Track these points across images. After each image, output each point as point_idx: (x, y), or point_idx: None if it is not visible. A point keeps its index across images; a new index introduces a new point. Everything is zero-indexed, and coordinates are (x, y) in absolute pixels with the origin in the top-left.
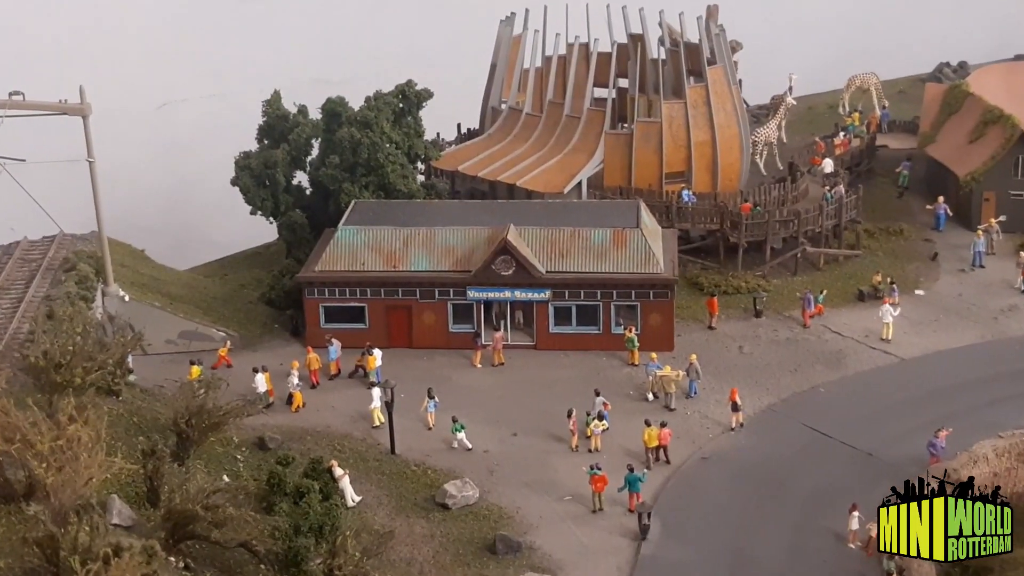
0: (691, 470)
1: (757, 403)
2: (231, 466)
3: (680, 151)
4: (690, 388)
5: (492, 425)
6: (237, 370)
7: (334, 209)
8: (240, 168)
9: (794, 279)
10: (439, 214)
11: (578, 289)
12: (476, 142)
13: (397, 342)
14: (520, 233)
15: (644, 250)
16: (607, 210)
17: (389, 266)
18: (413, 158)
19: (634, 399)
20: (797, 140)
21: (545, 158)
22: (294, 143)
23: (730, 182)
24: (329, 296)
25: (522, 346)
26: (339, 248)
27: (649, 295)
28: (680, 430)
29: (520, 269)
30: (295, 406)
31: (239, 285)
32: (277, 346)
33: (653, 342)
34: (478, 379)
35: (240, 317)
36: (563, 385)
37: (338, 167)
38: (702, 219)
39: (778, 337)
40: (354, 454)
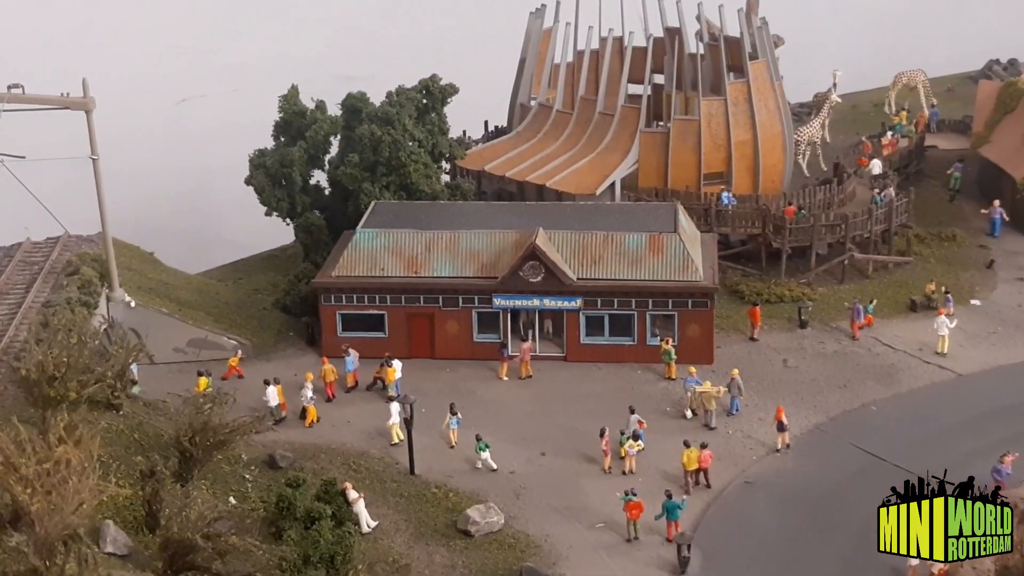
0: (734, 496)
1: (804, 422)
2: (239, 487)
3: (719, 151)
4: (732, 405)
5: (519, 444)
6: (248, 382)
7: (353, 210)
8: (255, 167)
9: (841, 288)
10: (463, 216)
11: (611, 297)
12: (504, 140)
13: (418, 352)
14: (550, 237)
15: (682, 256)
16: (642, 213)
17: (410, 271)
18: (437, 157)
19: (671, 416)
20: (841, 140)
21: (576, 157)
22: (311, 140)
23: (772, 184)
24: (347, 303)
25: (551, 358)
26: (357, 252)
27: (687, 304)
28: (721, 451)
29: (549, 276)
30: (308, 421)
31: (253, 290)
32: (291, 356)
33: (691, 355)
34: (504, 393)
35: (253, 324)
36: (595, 400)
37: (358, 166)
38: (743, 223)
39: (825, 350)
40: (370, 474)
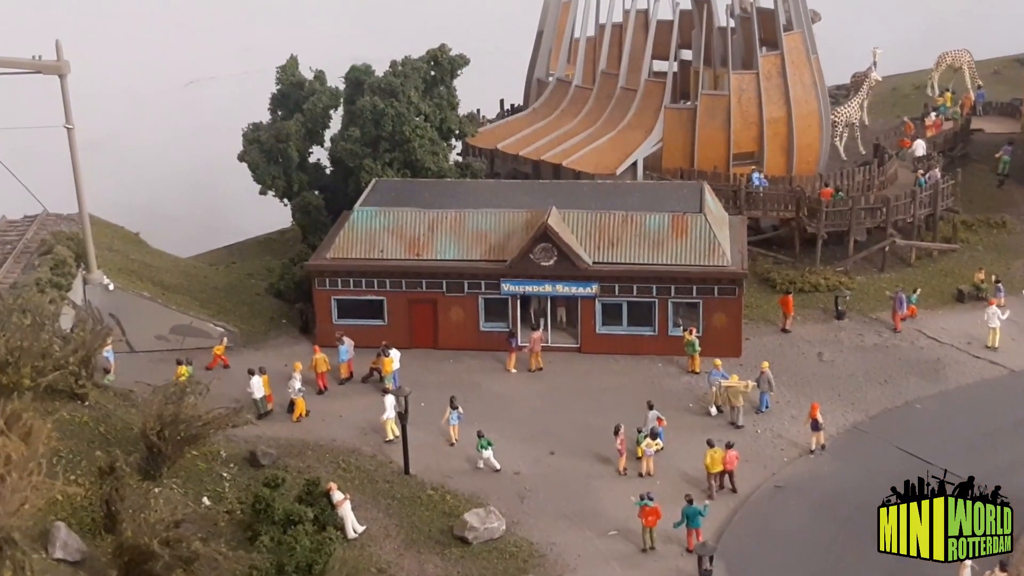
0: (762, 501)
1: (841, 421)
2: (215, 486)
3: (750, 128)
4: (761, 401)
5: (526, 442)
6: (234, 371)
7: (354, 189)
8: (248, 142)
9: (881, 276)
10: (470, 195)
11: (630, 283)
12: (519, 117)
13: (420, 342)
14: (564, 217)
15: (708, 239)
16: (665, 192)
17: (412, 254)
18: (445, 133)
19: (694, 413)
20: (880, 123)
21: (596, 135)
22: (309, 113)
23: (807, 165)
24: (343, 288)
25: (564, 348)
26: (354, 232)
27: (713, 291)
28: (749, 452)
29: (563, 259)
30: (296, 415)
31: (246, 274)
32: (283, 344)
33: (717, 346)
34: (512, 386)
35: (243, 311)
36: (611, 395)
37: (358, 141)
38: (775, 206)
39: (864, 343)
40: (361, 473)
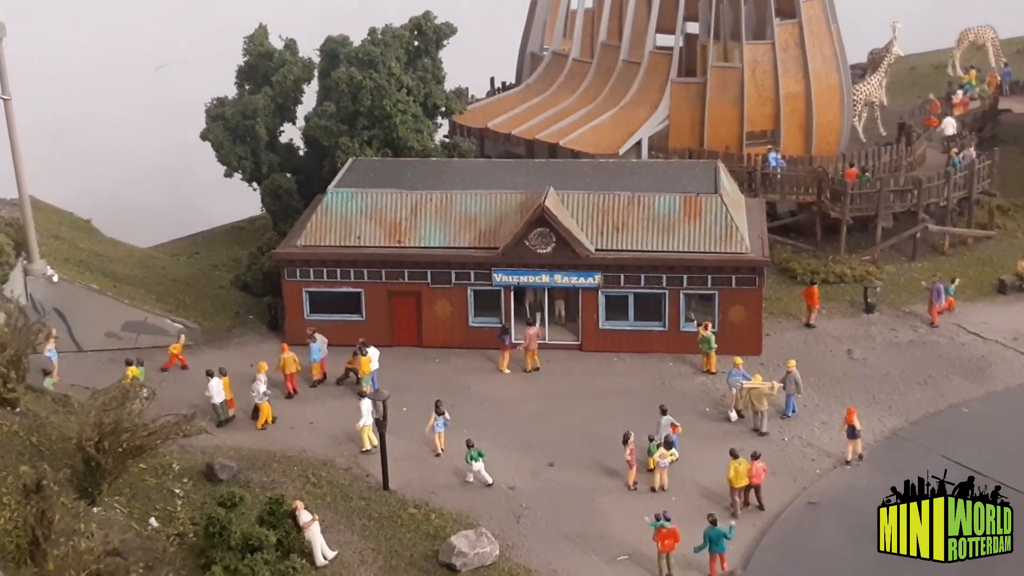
0: (794, 520)
1: (878, 427)
2: (165, 504)
3: (766, 104)
4: (787, 405)
5: (521, 451)
6: (194, 373)
7: (329, 170)
8: (212, 118)
9: (912, 265)
10: (458, 175)
11: (637, 273)
12: (511, 94)
13: (402, 339)
14: (562, 199)
15: (725, 222)
16: (676, 171)
17: (392, 240)
18: (430, 110)
19: (711, 418)
20: (899, 104)
21: (596, 113)
22: (279, 86)
23: (827, 144)
24: (315, 279)
25: (563, 346)
26: (328, 216)
27: (731, 282)
28: (776, 463)
29: (562, 245)
30: (261, 422)
31: (210, 265)
32: (249, 342)
33: (735, 343)
34: (505, 389)
35: (206, 305)
36: (617, 398)
37: (333, 117)
38: (794, 189)
39: (898, 339)
40: (333, 489)
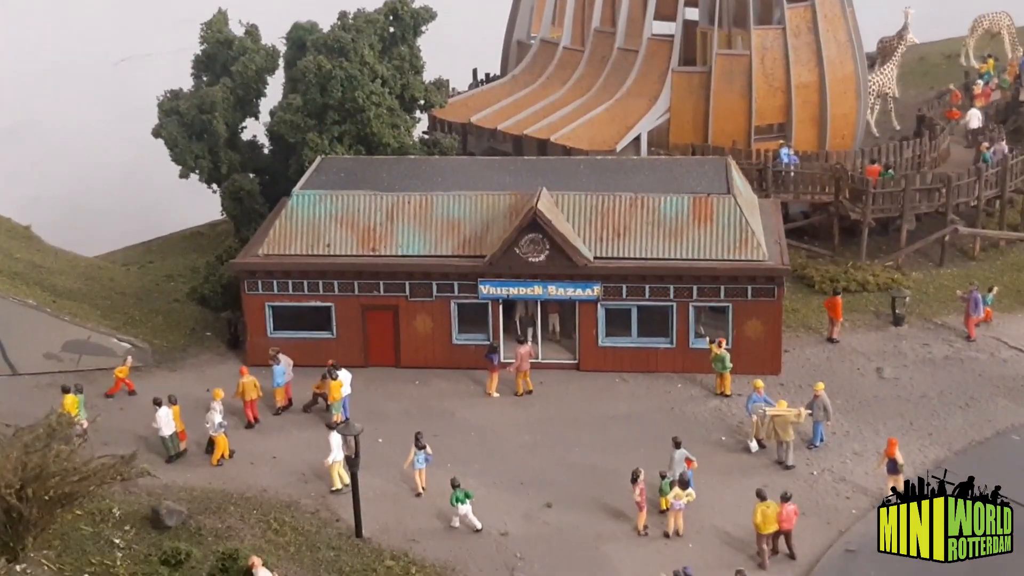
0: (831, 571)
1: (918, 458)
2: (103, 557)
3: (776, 95)
4: (814, 433)
5: (514, 490)
6: (142, 399)
7: (296, 170)
8: (165, 113)
9: (940, 272)
10: (439, 175)
11: (641, 283)
12: (496, 86)
13: (377, 359)
14: (557, 201)
15: (739, 226)
16: (682, 169)
17: (366, 248)
18: (408, 103)
19: (729, 449)
20: (911, 96)
21: (590, 105)
22: (239, 77)
23: (842, 139)
24: (279, 292)
25: (559, 365)
26: (294, 222)
27: (746, 292)
28: (806, 502)
29: (557, 253)
30: (217, 456)
31: (164, 276)
32: (206, 364)
33: (751, 362)
34: (494, 416)
35: (157, 321)
36: (621, 426)
37: (300, 111)
38: (809, 188)
39: (932, 355)
40: (298, 537)
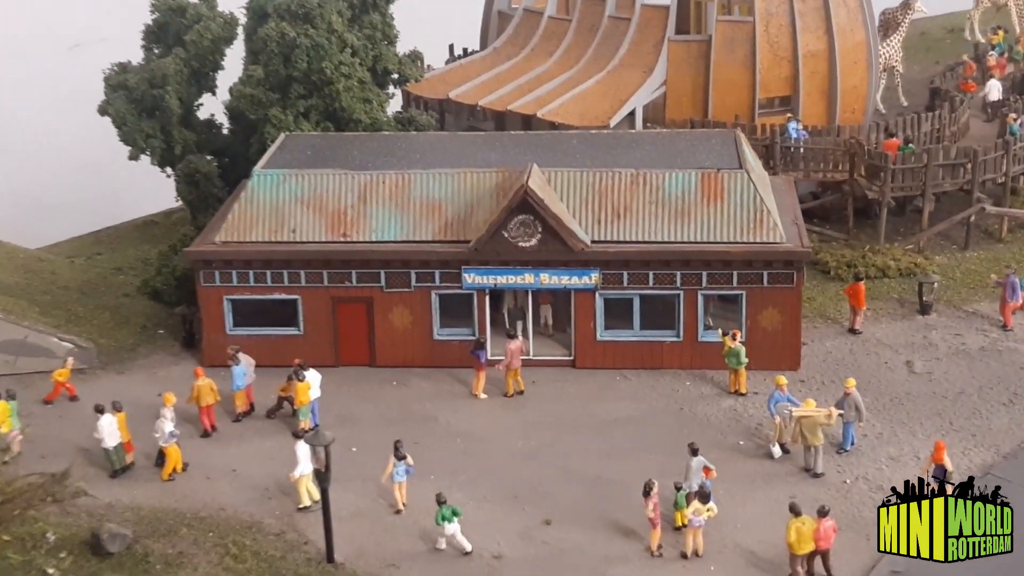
0: None
1: (963, 463)
2: None
3: (782, 66)
4: (845, 436)
5: (507, 505)
6: (85, 405)
7: (258, 150)
8: (112, 88)
9: (966, 255)
10: (417, 152)
11: (644, 270)
12: (476, 59)
13: (349, 357)
14: (549, 179)
15: (753, 205)
16: (687, 143)
17: (336, 234)
18: (380, 76)
19: (748, 454)
20: (915, 71)
21: (579, 79)
22: (193, 47)
23: (852, 113)
24: (239, 283)
25: (552, 362)
26: (255, 205)
27: (761, 279)
28: (840, 515)
29: (550, 237)
30: (168, 470)
31: (113, 268)
32: (158, 364)
33: (767, 355)
34: (482, 420)
35: (104, 318)
36: (625, 430)
37: (262, 84)
38: (820, 165)
39: (966, 346)
40: (260, 564)
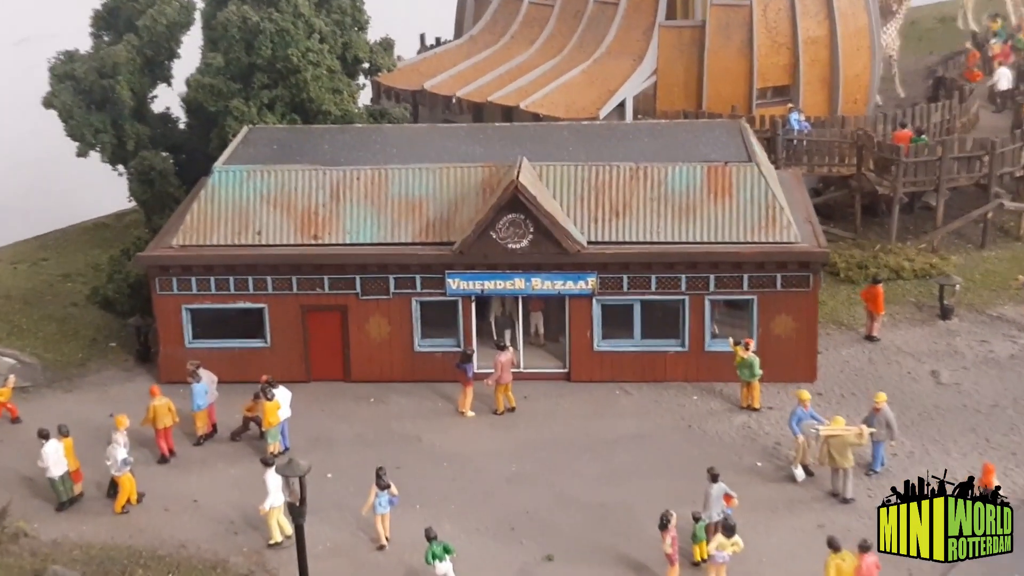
0: None
1: (1004, 482)
2: None
3: (781, 53)
4: (875, 456)
5: (503, 539)
6: (29, 428)
7: (218, 145)
8: (58, 78)
9: (983, 255)
10: (393, 145)
11: (646, 273)
12: (451, 48)
13: (322, 372)
14: (540, 174)
15: (765, 201)
16: (689, 135)
17: (306, 236)
18: (351, 66)
19: (766, 477)
20: (909, 62)
21: (563, 68)
22: (147, 33)
23: (854, 103)
24: (199, 291)
25: (544, 375)
26: (216, 204)
27: (774, 282)
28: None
29: (542, 238)
30: (122, 501)
31: (60, 275)
32: (110, 382)
33: (780, 366)
34: (470, 441)
35: (50, 331)
36: (629, 451)
37: (222, 73)
38: (826, 158)
39: (994, 353)
40: None
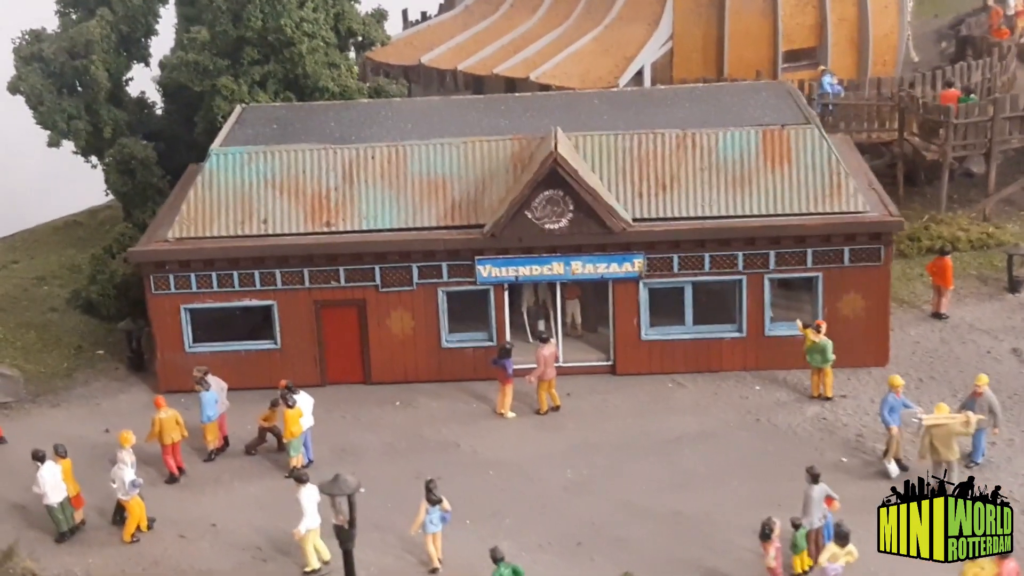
0: None
1: None
2: None
3: (807, 13)
4: (975, 446)
5: (571, 556)
6: (14, 449)
7: (204, 130)
8: (24, 60)
9: None
10: (408, 120)
11: (698, 252)
12: (446, 20)
13: (339, 375)
14: (576, 144)
15: (828, 167)
16: (734, 98)
17: (316, 222)
18: (343, 38)
19: (854, 475)
20: (915, 25)
21: (571, 36)
22: (121, 7)
23: (883, 64)
24: (199, 288)
25: (587, 369)
26: (215, 191)
27: (842, 257)
28: None
29: (584, 216)
30: (131, 529)
31: (34, 278)
32: (101, 394)
33: (849, 349)
34: (515, 445)
35: (29, 339)
36: (695, 451)
37: (208, 49)
38: (864, 123)
39: None
40: None
